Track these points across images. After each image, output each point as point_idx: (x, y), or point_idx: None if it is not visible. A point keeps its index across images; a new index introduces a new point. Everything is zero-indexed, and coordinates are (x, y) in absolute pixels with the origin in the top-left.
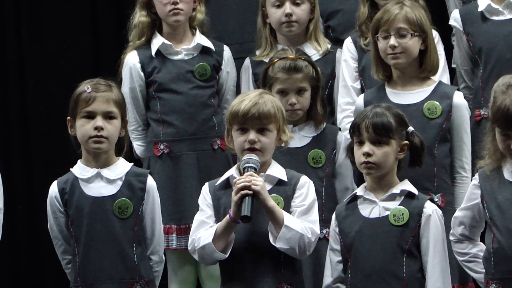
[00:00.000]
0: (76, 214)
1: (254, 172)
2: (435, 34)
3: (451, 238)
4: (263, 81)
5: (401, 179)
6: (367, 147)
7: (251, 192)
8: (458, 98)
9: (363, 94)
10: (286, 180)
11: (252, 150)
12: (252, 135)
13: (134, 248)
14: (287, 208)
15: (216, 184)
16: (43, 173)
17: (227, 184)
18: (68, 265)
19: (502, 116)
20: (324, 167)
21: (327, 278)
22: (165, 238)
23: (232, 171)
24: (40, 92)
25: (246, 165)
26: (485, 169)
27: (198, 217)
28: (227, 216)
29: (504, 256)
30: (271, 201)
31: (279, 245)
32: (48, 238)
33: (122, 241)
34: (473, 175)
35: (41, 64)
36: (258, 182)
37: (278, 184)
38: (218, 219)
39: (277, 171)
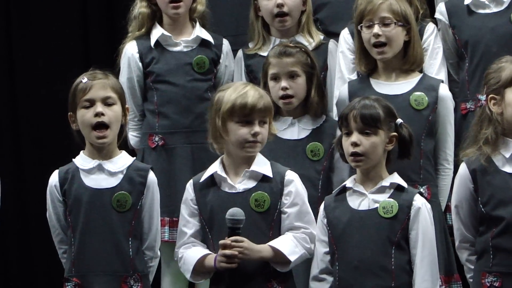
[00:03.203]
0: (75, 204)
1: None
2: (433, 27)
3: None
4: (262, 71)
5: (390, 172)
6: (354, 137)
7: (236, 263)
8: (444, 90)
9: (346, 84)
10: (271, 176)
11: (255, 142)
12: (257, 127)
13: (130, 242)
14: (274, 204)
15: (200, 181)
16: (34, 168)
17: (212, 181)
18: (64, 254)
19: None
20: (322, 160)
21: (314, 269)
22: None
23: (216, 167)
24: (30, 90)
25: (234, 225)
26: (474, 159)
27: (180, 224)
28: (212, 259)
29: (504, 249)
30: (262, 252)
31: None
32: (38, 232)
33: (118, 234)
34: (455, 167)
35: (30, 61)
36: (246, 251)
37: (263, 180)
38: (203, 216)
39: (261, 166)
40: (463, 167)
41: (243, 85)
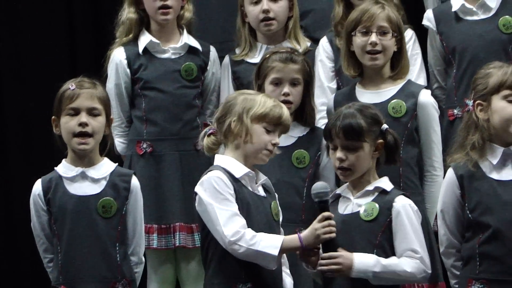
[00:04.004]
0: (60, 212)
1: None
2: (411, 33)
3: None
4: (257, 73)
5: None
6: (339, 153)
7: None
8: (424, 96)
9: (334, 94)
10: (273, 189)
11: (270, 152)
12: (277, 139)
13: (117, 248)
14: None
15: (238, 176)
16: (20, 177)
17: (235, 178)
18: (49, 263)
19: None
20: (308, 168)
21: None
22: (146, 237)
23: (244, 167)
24: (16, 96)
25: (318, 199)
26: (461, 164)
27: (227, 208)
28: (297, 238)
29: (491, 256)
30: None
31: None
32: (24, 241)
33: (105, 240)
34: (444, 173)
35: (17, 67)
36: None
37: (267, 190)
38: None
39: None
40: (450, 173)
41: (269, 97)
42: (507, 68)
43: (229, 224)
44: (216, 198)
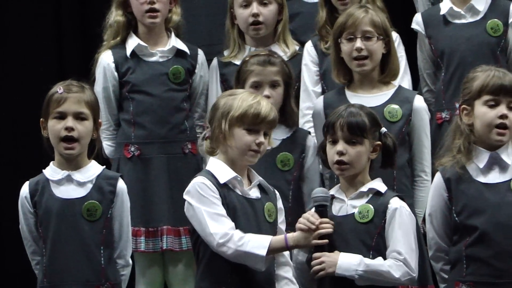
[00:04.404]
0: (45, 215)
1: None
2: (395, 36)
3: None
4: (237, 78)
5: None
6: (340, 146)
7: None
8: (419, 102)
9: (322, 97)
10: (271, 189)
11: (257, 152)
12: (261, 137)
13: (102, 251)
14: (277, 216)
15: (222, 182)
16: (8, 179)
17: (228, 185)
18: (37, 265)
19: (493, 81)
20: (292, 171)
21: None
22: (133, 240)
23: (231, 171)
24: (3, 99)
25: (316, 203)
26: (449, 167)
27: (214, 210)
28: (283, 239)
29: (478, 258)
30: None
31: None
32: (12, 243)
33: (89, 243)
34: (431, 176)
35: (4, 71)
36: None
37: (263, 191)
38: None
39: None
40: (437, 176)
41: (252, 94)
42: (490, 72)
43: (217, 226)
44: (203, 202)
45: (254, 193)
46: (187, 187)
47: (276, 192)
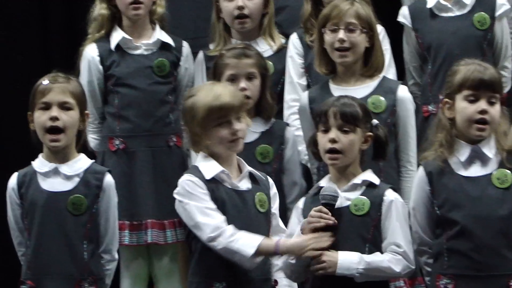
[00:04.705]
0: (31, 207)
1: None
2: (380, 29)
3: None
4: (213, 72)
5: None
6: (333, 133)
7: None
8: (402, 92)
9: (307, 92)
10: (263, 178)
11: (236, 140)
12: (236, 125)
13: (85, 245)
14: (270, 206)
15: (207, 178)
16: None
17: (216, 179)
18: (23, 257)
19: (473, 76)
20: (272, 163)
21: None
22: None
23: (218, 166)
24: None
25: (324, 201)
26: (431, 161)
27: (203, 205)
28: (273, 244)
29: (458, 251)
30: None
31: None
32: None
33: (73, 237)
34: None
35: None
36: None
37: (255, 181)
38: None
39: (248, 167)
40: (420, 170)
41: (211, 85)
42: (471, 67)
43: (208, 220)
44: (192, 197)
45: (245, 185)
46: (177, 187)
47: (269, 179)
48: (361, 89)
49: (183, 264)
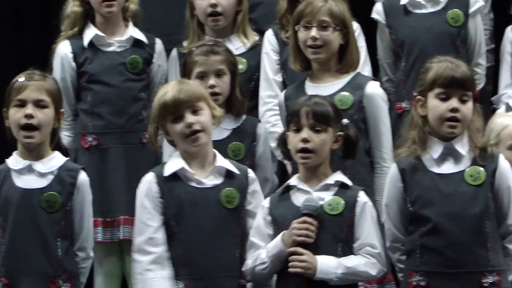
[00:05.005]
0: (5, 204)
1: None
2: (356, 26)
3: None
4: (183, 70)
5: (333, 172)
6: (305, 133)
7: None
8: (371, 88)
9: (284, 91)
10: (238, 172)
11: (193, 133)
12: (189, 118)
13: (59, 243)
14: (242, 201)
15: (165, 175)
16: None
17: (176, 175)
18: None
19: (445, 74)
20: (244, 160)
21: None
22: None
23: (180, 162)
24: None
25: (306, 211)
26: (404, 158)
27: (141, 217)
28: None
29: (430, 248)
30: None
31: None
32: None
33: (46, 234)
34: None
35: None
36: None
37: (229, 176)
38: (169, 211)
39: (225, 162)
40: (393, 167)
41: (163, 87)
42: (443, 64)
43: (140, 251)
44: (141, 213)
45: (211, 181)
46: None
47: (251, 175)
48: (331, 86)
49: None
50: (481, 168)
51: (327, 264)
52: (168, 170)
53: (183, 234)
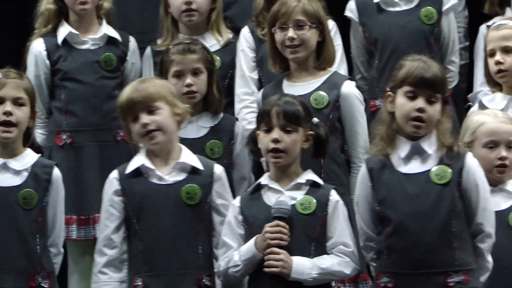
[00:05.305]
0: None
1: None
2: (332, 24)
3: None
4: (159, 69)
5: (303, 170)
6: (276, 133)
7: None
8: (347, 87)
9: (262, 89)
10: (201, 168)
11: (149, 133)
12: (144, 118)
13: (38, 240)
14: (204, 197)
15: (126, 172)
16: None
17: (139, 172)
18: None
19: (415, 73)
20: (222, 158)
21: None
22: (65, 228)
23: (143, 159)
24: None
25: (278, 214)
26: (373, 157)
27: (102, 217)
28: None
29: (396, 249)
30: None
31: None
32: None
33: (25, 232)
34: None
35: None
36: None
37: (193, 172)
38: (130, 207)
39: (190, 158)
40: (363, 166)
41: (128, 85)
42: (416, 63)
43: (99, 251)
44: (103, 212)
45: (173, 177)
46: None
47: (217, 171)
48: (308, 85)
49: None
50: (447, 167)
51: (302, 265)
52: (130, 167)
53: (143, 231)
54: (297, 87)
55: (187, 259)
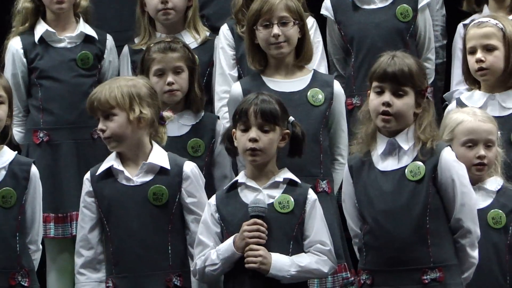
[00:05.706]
0: None
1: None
2: (313, 21)
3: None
4: (141, 68)
5: (280, 168)
6: (254, 133)
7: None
8: (338, 86)
9: (239, 82)
10: (168, 168)
11: (105, 139)
12: (100, 124)
13: (18, 238)
14: (173, 197)
15: (97, 173)
16: None
17: (109, 173)
18: None
19: (380, 68)
20: (204, 156)
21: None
22: (43, 226)
23: (112, 160)
24: None
25: (255, 213)
26: (354, 155)
27: (79, 218)
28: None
29: (372, 247)
30: None
31: None
32: None
33: (4, 230)
34: None
35: None
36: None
37: (161, 172)
38: (101, 209)
39: (159, 157)
40: (347, 164)
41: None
42: (383, 59)
43: (77, 252)
44: (80, 213)
45: (140, 178)
46: None
47: (186, 170)
48: (297, 82)
49: None
50: (421, 163)
51: (281, 261)
52: (101, 168)
53: (112, 233)
54: (285, 84)
55: (156, 260)
